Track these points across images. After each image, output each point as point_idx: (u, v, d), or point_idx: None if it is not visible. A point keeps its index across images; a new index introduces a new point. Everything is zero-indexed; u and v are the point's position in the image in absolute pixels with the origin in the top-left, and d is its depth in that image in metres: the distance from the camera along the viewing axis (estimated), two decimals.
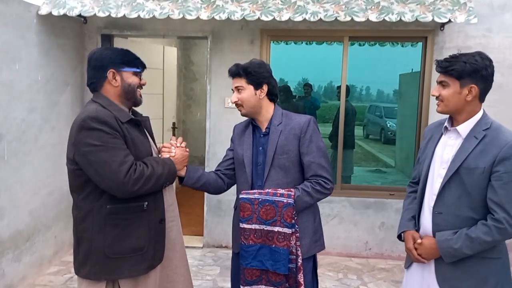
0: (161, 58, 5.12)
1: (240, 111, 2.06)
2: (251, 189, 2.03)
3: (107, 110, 1.76)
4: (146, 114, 2.06)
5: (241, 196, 1.97)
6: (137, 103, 1.92)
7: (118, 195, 1.72)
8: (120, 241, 1.76)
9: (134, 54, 1.90)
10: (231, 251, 4.70)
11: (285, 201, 1.91)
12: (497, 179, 1.65)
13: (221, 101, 4.27)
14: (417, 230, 1.89)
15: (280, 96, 3.91)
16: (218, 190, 2.19)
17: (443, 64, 1.74)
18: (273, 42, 4.32)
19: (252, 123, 2.11)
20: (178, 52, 6.69)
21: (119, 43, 4.47)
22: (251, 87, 2.01)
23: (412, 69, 6.42)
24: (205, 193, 4.34)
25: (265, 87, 2.03)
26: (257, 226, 1.94)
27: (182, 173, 2.03)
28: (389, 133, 12.89)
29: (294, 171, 2.03)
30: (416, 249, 1.83)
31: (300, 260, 1.94)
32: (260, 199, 1.93)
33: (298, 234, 1.94)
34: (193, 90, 7.79)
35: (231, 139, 2.23)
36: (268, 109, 2.07)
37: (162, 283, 1.94)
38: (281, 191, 1.94)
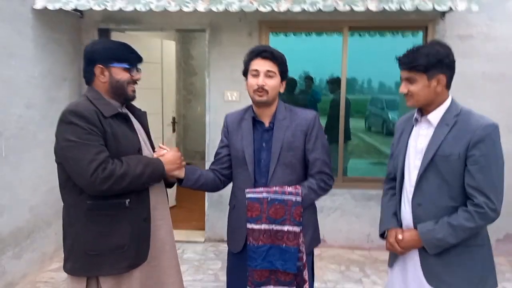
0: (159, 52, 5.07)
1: (261, 97, 1.90)
2: (254, 186, 1.94)
3: (91, 104, 1.73)
4: (145, 109, 2.03)
5: (248, 195, 1.87)
6: (129, 99, 1.88)
7: (89, 193, 1.69)
8: (100, 238, 1.73)
9: (127, 48, 1.84)
10: None
11: (294, 199, 1.85)
12: (473, 163, 1.62)
13: (220, 94, 4.24)
14: (400, 226, 1.85)
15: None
16: (215, 189, 2.14)
17: (406, 60, 1.70)
18: (272, 34, 4.28)
19: (252, 117, 2.00)
20: (177, 46, 6.64)
21: (116, 37, 4.43)
22: (279, 77, 1.93)
23: None
24: None
25: (284, 82, 1.98)
26: (266, 226, 1.87)
27: (182, 174, 1.96)
28: (391, 125, 12.82)
29: (299, 168, 1.97)
30: (397, 243, 1.79)
31: (305, 257, 1.90)
32: (269, 198, 1.85)
33: (303, 231, 1.90)
34: (193, 85, 7.74)
35: (223, 132, 2.12)
36: (275, 103, 1.99)
37: (150, 283, 1.88)
38: (288, 189, 1.88)
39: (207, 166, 4.32)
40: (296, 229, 1.86)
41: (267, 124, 1.98)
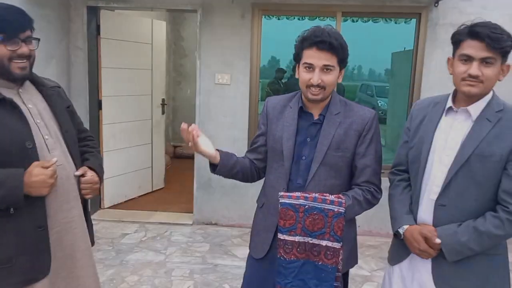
0: (149, 32, 4.98)
1: (317, 95, 1.62)
2: (287, 186, 1.70)
3: None
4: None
5: (282, 200, 1.61)
6: (15, 77, 1.48)
7: None
8: None
9: (1, 12, 1.41)
10: (221, 228, 4.65)
11: (335, 209, 1.58)
12: None
13: (211, 77, 4.19)
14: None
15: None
16: (250, 179, 1.86)
17: (495, 36, 1.39)
18: (264, 17, 4.22)
19: (301, 107, 1.72)
20: (168, 27, 6.53)
21: (105, 15, 4.34)
22: (338, 69, 1.63)
23: (404, 48, 6.37)
24: (195, 170, 4.30)
25: (343, 71, 1.68)
26: (301, 239, 1.61)
27: (217, 160, 1.70)
28: (380, 112, 12.90)
29: (345, 173, 1.71)
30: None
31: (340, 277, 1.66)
32: (306, 206, 1.59)
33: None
34: (183, 66, 7.66)
35: (261, 118, 1.83)
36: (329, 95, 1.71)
37: None
38: (330, 197, 1.60)
39: None
40: (336, 245, 1.60)
41: (316, 116, 1.70)
